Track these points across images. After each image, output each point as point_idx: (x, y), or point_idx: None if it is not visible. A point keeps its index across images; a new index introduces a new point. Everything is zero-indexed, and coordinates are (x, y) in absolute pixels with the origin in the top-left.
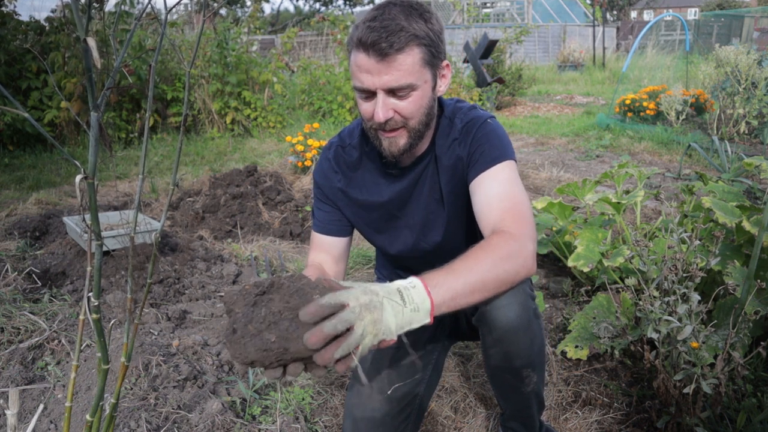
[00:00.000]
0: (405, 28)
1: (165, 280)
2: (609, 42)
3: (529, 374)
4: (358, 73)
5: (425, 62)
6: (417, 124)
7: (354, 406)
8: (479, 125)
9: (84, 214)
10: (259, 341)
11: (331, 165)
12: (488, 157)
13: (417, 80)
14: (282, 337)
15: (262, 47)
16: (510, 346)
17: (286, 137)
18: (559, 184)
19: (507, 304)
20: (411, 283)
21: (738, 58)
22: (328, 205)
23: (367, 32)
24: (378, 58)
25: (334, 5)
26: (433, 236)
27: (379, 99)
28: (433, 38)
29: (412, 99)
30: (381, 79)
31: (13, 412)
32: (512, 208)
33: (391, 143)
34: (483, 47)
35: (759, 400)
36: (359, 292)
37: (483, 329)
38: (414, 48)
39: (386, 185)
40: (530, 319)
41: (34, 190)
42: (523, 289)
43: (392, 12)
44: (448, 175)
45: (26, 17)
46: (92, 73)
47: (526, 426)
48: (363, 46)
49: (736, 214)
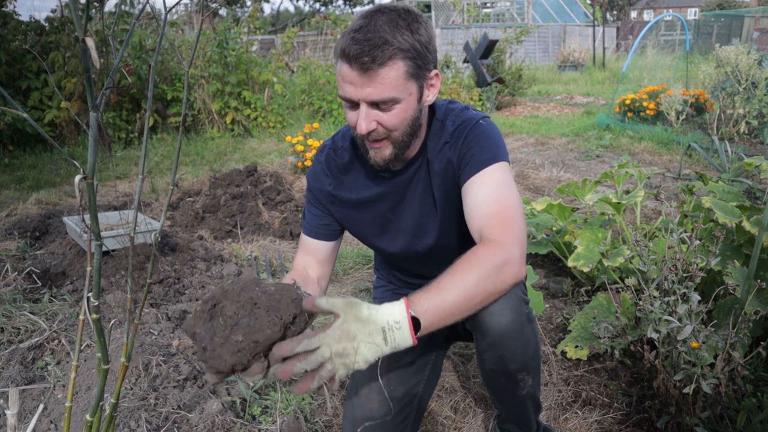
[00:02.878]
0: (388, 42)
1: (165, 280)
2: (609, 42)
3: (524, 378)
4: (342, 82)
5: (410, 75)
6: (401, 136)
7: (354, 406)
8: (470, 127)
9: (84, 214)
10: (230, 346)
11: (322, 168)
12: (478, 160)
13: (400, 94)
14: (248, 333)
15: (262, 47)
16: (504, 350)
17: (286, 137)
18: (559, 184)
19: (499, 309)
20: (398, 323)
21: (738, 58)
22: (317, 209)
23: (350, 44)
24: (360, 71)
25: (334, 5)
26: (427, 239)
27: (362, 111)
28: (419, 50)
29: (395, 112)
30: (363, 91)
31: (13, 412)
32: (500, 212)
33: (376, 153)
34: (483, 47)
35: (759, 400)
36: (335, 339)
37: (476, 334)
38: (398, 62)
39: (377, 186)
40: (523, 324)
41: (34, 190)
42: (515, 293)
43: (378, 23)
44: (439, 179)
45: (26, 17)
46: (91, 73)
47: (522, 428)
48: (346, 58)
49: (736, 214)
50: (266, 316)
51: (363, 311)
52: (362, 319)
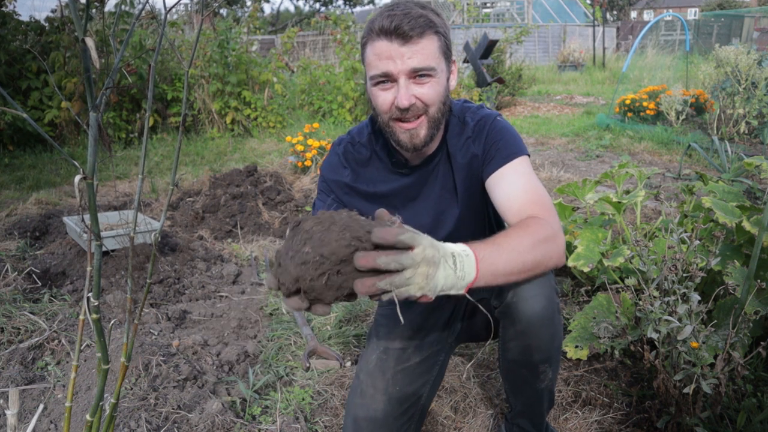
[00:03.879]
0: (424, 15)
1: (165, 280)
2: (609, 42)
3: (545, 369)
4: (377, 61)
5: (442, 51)
6: (436, 112)
7: (356, 406)
8: (491, 122)
9: (84, 214)
10: (297, 257)
11: (340, 160)
12: (505, 153)
13: (437, 65)
14: (316, 246)
15: (262, 47)
16: (532, 339)
17: (286, 137)
18: (559, 184)
19: (534, 295)
20: (465, 251)
21: (738, 58)
22: (331, 198)
23: (388, 20)
24: (401, 41)
25: (334, 5)
26: (442, 233)
27: (402, 84)
28: (446, 32)
29: (431, 85)
30: (405, 62)
31: (13, 412)
32: (538, 199)
33: (412, 135)
34: (483, 47)
35: (759, 400)
36: (428, 243)
37: (505, 321)
38: (433, 35)
39: (394, 183)
40: (554, 313)
41: (34, 190)
42: (549, 282)
43: (408, 4)
44: (463, 173)
45: (26, 17)
46: (91, 73)
47: (534, 424)
48: (385, 33)
49: (736, 214)
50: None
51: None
52: (436, 246)
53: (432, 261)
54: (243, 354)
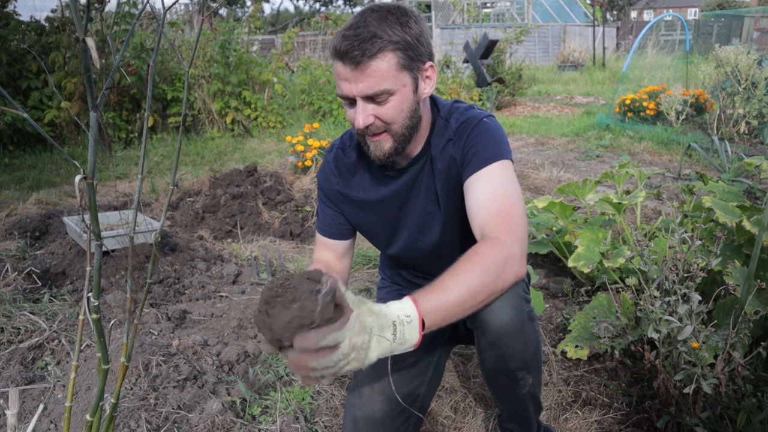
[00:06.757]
0: (377, 35)
1: (165, 280)
2: (609, 42)
3: (524, 376)
4: (338, 81)
5: (402, 66)
6: (400, 128)
7: (355, 406)
8: (474, 125)
9: (84, 214)
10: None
11: (330, 168)
12: (481, 158)
13: (394, 85)
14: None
15: (262, 47)
16: (504, 349)
17: (286, 137)
18: (559, 184)
19: (499, 307)
20: (408, 318)
21: (738, 58)
22: (330, 208)
23: (341, 41)
24: (352, 66)
25: (334, 5)
26: (431, 236)
27: (359, 106)
28: (410, 42)
29: (391, 104)
30: (357, 86)
31: (13, 412)
32: (501, 210)
33: (376, 147)
34: (483, 47)
35: (759, 400)
36: (354, 332)
37: (477, 332)
38: (387, 54)
39: (384, 186)
40: (524, 322)
41: (34, 190)
42: (516, 291)
43: (368, 20)
44: (442, 177)
45: (26, 17)
46: (91, 73)
47: (523, 427)
48: (338, 55)
49: (736, 214)
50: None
51: (374, 306)
52: (375, 312)
53: (361, 347)
54: (243, 354)
